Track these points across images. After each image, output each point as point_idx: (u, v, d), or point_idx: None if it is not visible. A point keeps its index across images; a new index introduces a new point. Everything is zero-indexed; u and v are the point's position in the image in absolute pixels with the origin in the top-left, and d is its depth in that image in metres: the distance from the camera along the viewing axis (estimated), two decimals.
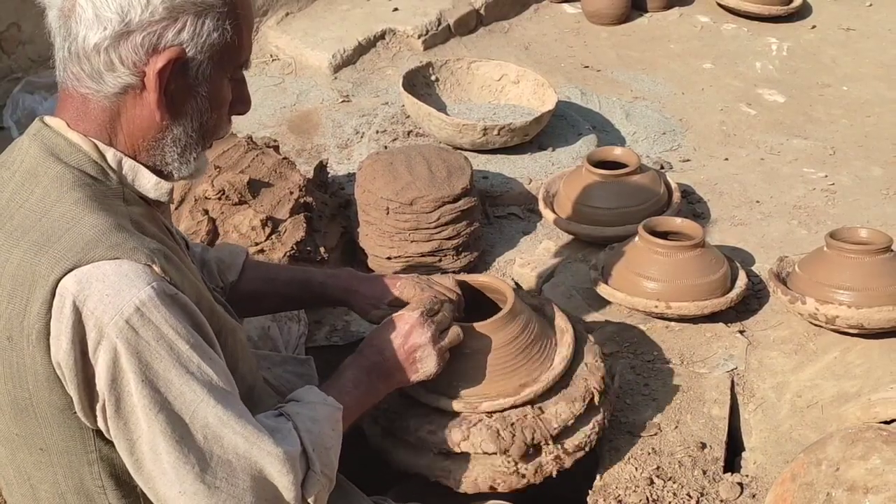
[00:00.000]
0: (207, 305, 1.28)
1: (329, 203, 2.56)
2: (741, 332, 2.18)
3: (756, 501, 1.74)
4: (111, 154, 1.24)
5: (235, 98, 1.31)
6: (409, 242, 2.43)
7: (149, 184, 1.27)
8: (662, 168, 3.01)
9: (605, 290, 2.20)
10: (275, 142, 2.59)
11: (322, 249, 2.37)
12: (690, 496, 1.73)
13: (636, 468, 1.78)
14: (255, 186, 2.34)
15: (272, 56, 3.77)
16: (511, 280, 2.45)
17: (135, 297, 1.12)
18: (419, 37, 3.83)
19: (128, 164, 1.25)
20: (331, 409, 1.38)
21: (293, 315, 2.03)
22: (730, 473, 1.80)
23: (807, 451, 1.58)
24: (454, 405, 1.62)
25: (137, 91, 1.21)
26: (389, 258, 2.45)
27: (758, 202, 2.82)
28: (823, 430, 1.86)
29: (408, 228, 2.42)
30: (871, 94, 3.69)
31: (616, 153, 2.62)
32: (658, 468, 1.78)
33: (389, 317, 1.56)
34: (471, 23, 4.03)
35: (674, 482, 1.75)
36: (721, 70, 3.88)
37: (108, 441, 1.21)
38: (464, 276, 1.81)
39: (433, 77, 3.29)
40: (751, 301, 2.28)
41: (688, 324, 2.19)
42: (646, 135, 3.29)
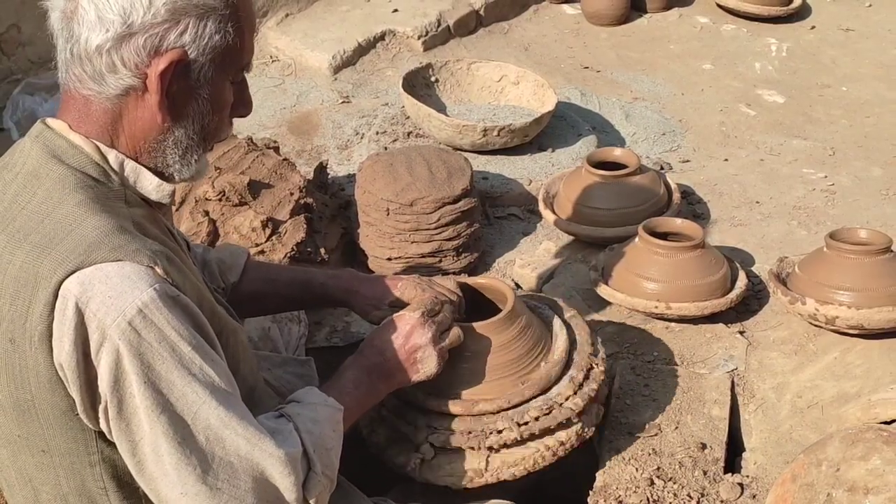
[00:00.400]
0: (209, 307, 1.28)
1: (329, 204, 2.56)
2: (741, 333, 2.18)
3: (756, 502, 1.74)
4: (113, 156, 1.24)
5: (237, 100, 1.31)
6: (410, 243, 2.43)
7: (150, 186, 1.27)
8: (662, 169, 3.00)
9: (606, 291, 2.20)
10: (275, 143, 2.59)
11: (322, 250, 2.37)
12: (691, 497, 1.73)
13: (636, 469, 1.78)
14: (256, 187, 2.34)
15: (272, 57, 3.77)
16: (511, 281, 2.45)
17: (137, 299, 1.13)
18: (419, 38, 3.83)
19: (129, 166, 1.25)
20: (331, 410, 1.38)
21: (293, 316, 2.03)
22: (730, 474, 1.80)
23: (807, 452, 1.58)
24: (451, 407, 1.62)
25: (139, 93, 1.21)
26: (390, 259, 2.45)
27: (757, 203, 2.82)
28: (824, 431, 1.86)
29: (408, 229, 2.42)
30: (871, 95, 3.69)
31: (616, 154, 2.63)
32: (658, 469, 1.78)
33: (390, 317, 1.56)
34: (470, 24, 4.03)
35: (674, 483, 1.75)
36: (721, 71, 3.88)
37: (110, 442, 1.21)
38: (464, 278, 1.81)
39: (433, 78, 3.29)
40: (751, 302, 2.28)
41: (688, 324, 2.19)
42: (645, 135, 3.29)
